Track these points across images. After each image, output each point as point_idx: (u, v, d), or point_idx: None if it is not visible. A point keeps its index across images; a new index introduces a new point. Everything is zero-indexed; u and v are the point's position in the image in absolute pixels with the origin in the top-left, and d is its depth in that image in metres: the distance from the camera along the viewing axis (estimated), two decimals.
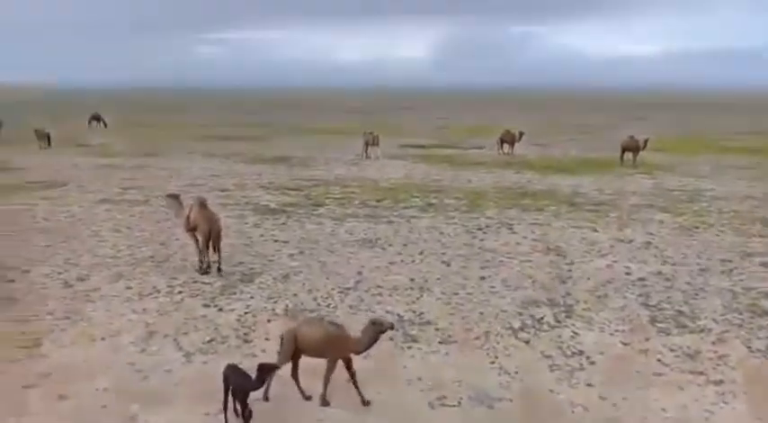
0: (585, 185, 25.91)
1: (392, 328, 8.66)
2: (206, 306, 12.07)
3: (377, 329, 8.47)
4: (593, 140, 45.44)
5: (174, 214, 15.17)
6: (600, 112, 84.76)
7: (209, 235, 13.83)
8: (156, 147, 38.96)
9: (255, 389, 7.99)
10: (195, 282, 13.35)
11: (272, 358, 9.09)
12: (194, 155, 35.18)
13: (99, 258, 14.87)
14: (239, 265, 14.52)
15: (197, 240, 14.07)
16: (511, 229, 18.26)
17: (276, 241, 16.62)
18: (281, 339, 8.84)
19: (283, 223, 18.63)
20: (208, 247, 13.89)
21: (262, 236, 17.16)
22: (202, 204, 14.10)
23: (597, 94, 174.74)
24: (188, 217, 14.15)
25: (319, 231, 17.76)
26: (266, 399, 8.62)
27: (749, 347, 10.57)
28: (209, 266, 13.95)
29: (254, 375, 7.95)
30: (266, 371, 7.97)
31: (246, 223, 18.53)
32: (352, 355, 8.68)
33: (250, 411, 7.95)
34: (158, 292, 12.76)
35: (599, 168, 30.69)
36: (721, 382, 9.43)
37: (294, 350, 8.72)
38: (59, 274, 13.72)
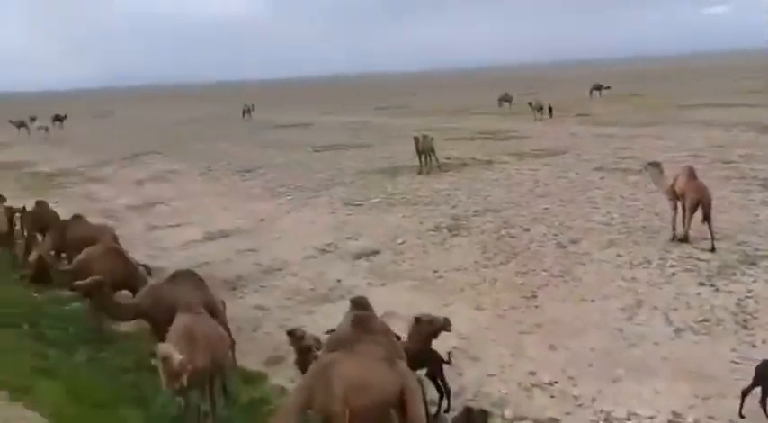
0: None
1: None
2: (701, 284, 11.27)
3: None
4: None
5: (654, 182, 14.66)
6: None
7: (696, 205, 13.01)
8: (650, 116, 38.02)
9: None
10: (690, 257, 12.59)
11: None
12: (692, 124, 33.08)
13: (591, 224, 15.34)
14: (741, 244, 13.09)
15: (682, 210, 13.40)
16: None
17: None
18: None
19: None
20: (691, 218, 13.16)
21: None
22: (691, 173, 13.38)
23: None
24: (673, 185, 13.59)
25: None
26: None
27: None
28: (686, 237, 13.31)
29: None
30: None
31: (753, 200, 16.56)
32: None
33: None
34: (649, 263, 12.48)
35: None
36: None
37: None
38: (554, 235, 14.66)
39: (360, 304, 8.41)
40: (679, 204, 13.56)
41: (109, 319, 9.82)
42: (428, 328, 7.79)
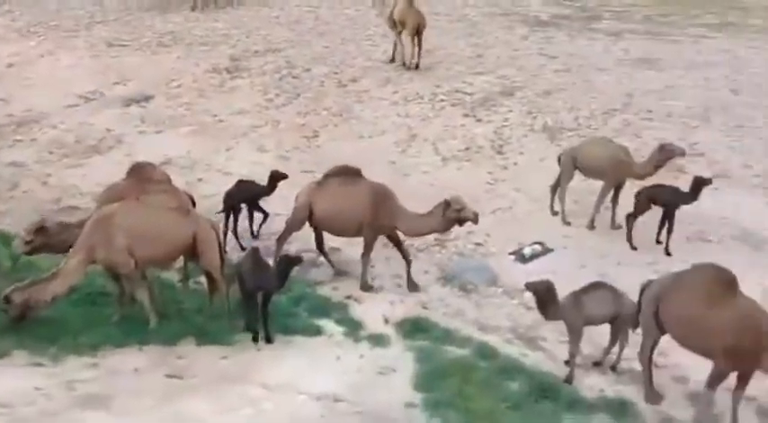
0: None
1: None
2: (465, 116, 12.23)
3: (665, 155, 8.22)
4: None
5: (376, 12, 15.47)
6: None
7: (415, 30, 13.97)
8: None
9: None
10: (457, 91, 13.45)
11: None
12: None
13: (371, 62, 15.56)
14: (502, 77, 14.21)
15: (399, 36, 14.40)
16: None
17: (542, 55, 15.83)
18: (559, 158, 8.86)
19: (552, 37, 17.57)
20: (412, 43, 14.20)
21: (528, 49, 16.45)
22: (410, 0, 14.15)
23: None
24: (391, 13, 14.34)
25: (590, 48, 16.49)
26: None
27: None
28: (415, 66, 14.37)
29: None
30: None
31: (514, 35, 17.81)
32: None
33: None
34: (422, 98, 13.14)
35: None
36: None
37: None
38: (335, 74, 14.71)
39: None
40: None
41: None
42: (455, 215, 7.19)
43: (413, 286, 7.70)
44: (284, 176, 8.63)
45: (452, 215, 7.12)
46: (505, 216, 9.05)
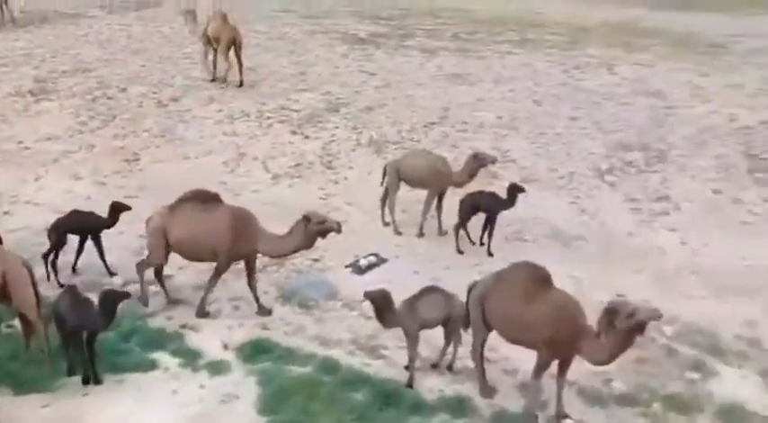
0: (702, 24, 23.52)
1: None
2: (293, 133, 12.28)
3: (478, 163, 8.76)
4: None
5: (189, 29, 15.60)
6: None
7: (229, 46, 13.93)
8: None
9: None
10: (283, 108, 13.47)
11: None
12: None
13: (191, 81, 15.14)
14: (326, 94, 14.47)
15: (214, 53, 14.34)
16: (611, 69, 17.16)
17: (363, 72, 16.33)
18: (384, 170, 9.14)
19: (371, 54, 18.19)
20: (226, 59, 14.17)
21: (348, 67, 16.88)
22: (224, 17, 14.15)
23: None
24: (205, 30, 14.28)
25: (407, 64, 17.28)
26: None
27: None
28: (224, 81, 14.46)
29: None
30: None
31: (335, 53, 18.21)
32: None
33: None
34: (248, 116, 13.01)
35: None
36: None
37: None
38: (154, 93, 14.13)
39: None
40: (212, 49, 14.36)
41: None
42: (317, 228, 6.88)
43: (264, 311, 7.57)
44: (126, 208, 8.08)
45: (315, 228, 6.98)
46: None
